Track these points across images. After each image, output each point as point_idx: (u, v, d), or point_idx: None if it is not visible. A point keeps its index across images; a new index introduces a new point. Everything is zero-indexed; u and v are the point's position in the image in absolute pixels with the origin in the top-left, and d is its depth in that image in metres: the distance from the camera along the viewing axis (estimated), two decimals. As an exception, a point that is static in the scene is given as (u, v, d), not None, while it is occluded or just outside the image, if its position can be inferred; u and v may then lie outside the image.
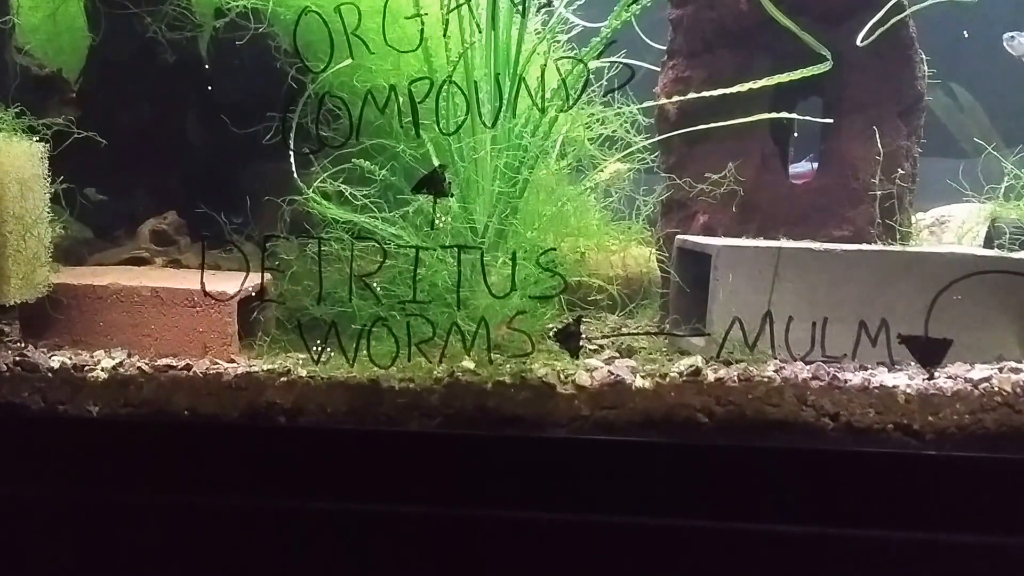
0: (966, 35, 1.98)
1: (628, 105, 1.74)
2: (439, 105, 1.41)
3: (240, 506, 1.33)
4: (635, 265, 1.87)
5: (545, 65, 1.45)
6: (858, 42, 1.64)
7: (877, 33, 1.64)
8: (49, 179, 1.48)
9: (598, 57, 1.58)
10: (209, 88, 1.83)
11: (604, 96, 1.67)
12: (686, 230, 1.73)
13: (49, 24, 1.81)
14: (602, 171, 1.79)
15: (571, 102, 1.44)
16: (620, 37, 1.77)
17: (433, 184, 1.37)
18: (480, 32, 1.54)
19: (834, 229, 1.72)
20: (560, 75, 1.46)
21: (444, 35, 1.50)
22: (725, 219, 1.71)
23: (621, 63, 1.68)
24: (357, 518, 1.34)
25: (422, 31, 1.46)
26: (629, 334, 1.65)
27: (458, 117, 1.46)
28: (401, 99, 1.39)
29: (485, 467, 1.34)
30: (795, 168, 1.96)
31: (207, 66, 1.78)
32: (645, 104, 1.77)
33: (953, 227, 1.92)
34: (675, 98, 1.73)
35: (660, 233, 1.77)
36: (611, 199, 1.79)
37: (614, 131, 1.77)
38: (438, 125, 1.42)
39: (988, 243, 1.78)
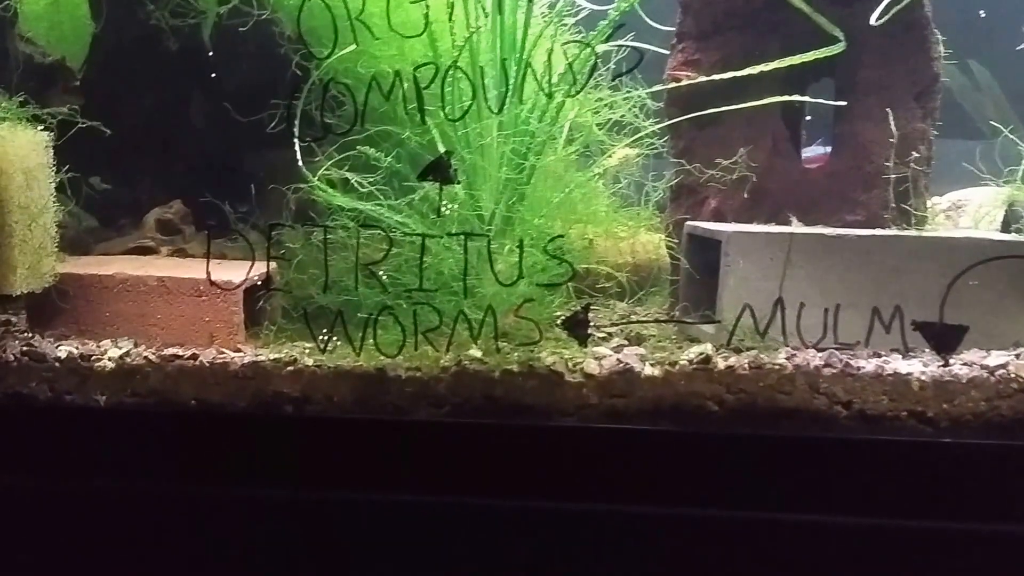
0: (982, 14, 1.93)
1: (637, 89, 1.71)
2: (445, 91, 1.39)
3: (247, 496, 1.33)
4: (644, 252, 1.85)
5: (552, 50, 1.42)
6: (872, 22, 1.60)
7: (891, 13, 1.60)
8: (54, 168, 1.47)
9: (606, 41, 1.55)
10: (213, 75, 1.81)
11: (612, 81, 1.65)
12: (696, 216, 1.71)
13: (52, 12, 1.80)
14: (611, 157, 1.77)
15: (578, 87, 1.41)
16: (628, 20, 1.75)
17: (439, 171, 1.35)
18: (486, 16, 1.51)
19: (847, 214, 1.69)
20: (567, 59, 1.44)
21: (449, 19, 1.47)
22: (736, 204, 1.69)
23: (629, 46, 1.65)
24: (364, 508, 1.33)
25: (427, 15, 1.43)
26: (638, 322, 1.64)
27: (464, 103, 1.44)
28: (406, 85, 1.37)
29: (493, 456, 1.33)
30: (808, 152, 1.93)
31: (211, 53, 1.77)
32: (654, 88, 1.74)
33: (970, 211, 1.89)
34: (684, 81, 1.70)
35: (670, 219, 1.75)
36: (620, 185, 1.76)
37: (623, 116, 1.74)
38: (443, 111, 1.40)
39: (1005, 227, 1.75)
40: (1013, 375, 1.31)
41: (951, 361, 1.35)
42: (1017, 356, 1.39)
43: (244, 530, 1.34)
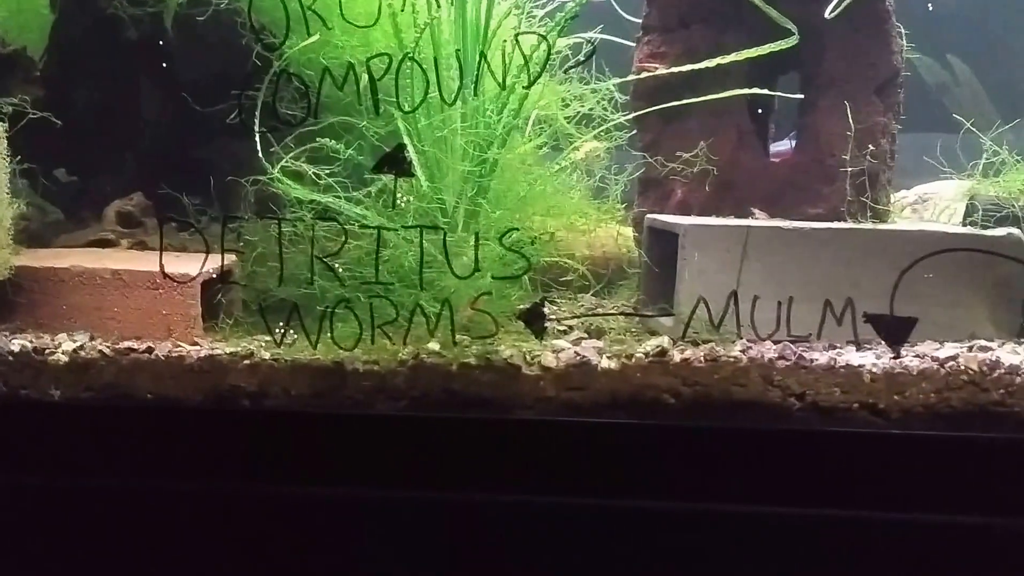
0: (930, 7, 1.93)
1: (605, 81, 1.71)
2: (404, 82, 1.38)
3: (203, 491, 1.33)
4: (613, 245, 1.85)
5: (511, 41, 1.42)
6: (826, 15, 1.60)
7: (845, 4, 1.60)
8: (9, 160, 1.46)
9: (562, 33, 1.54)
10: (173, 66, 1.79)
11: (565, 72, 1.64)
12: (662, 209, 1.71)
13: (11, 0, 1.77)
14: (576, 149, 1.77)
15: (533, 79, 1.41)
16: (599, 11, 1.74)
17: (394, 163, 1.35)
18: (438, 7, 1.50)
19: (809, 207, 1.69)
20: (523, 52, 1.43)
21: (402, 10, 1.46)
22: (701, 197, 1.69)
23: (595, 38, 1.64)
24: (322, 502, 1.33)
25: (379, 6, 1.42)
26: (594, 315, 1.64)
27: (427, 94, 1.43)
28: (364, 77, 1.36)
29: (451, 449, 1.34)
30: (777, 146, 1.93)
31: (171, 43, 1.75)
32: (620, 80, 1.74)
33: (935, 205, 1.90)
34: (644, 75, 1.70)
35: (637, 212, 1.75)
36: (588, 179, 1.76)
37: (591, 108, 1.74)
38: (397, 103, 1.39)
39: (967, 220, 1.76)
40: (963, 367, 1.32)
41: (903, 353, 1.36)
42: (969, 348, 1.40)
43: (200, 525, 1.34)
